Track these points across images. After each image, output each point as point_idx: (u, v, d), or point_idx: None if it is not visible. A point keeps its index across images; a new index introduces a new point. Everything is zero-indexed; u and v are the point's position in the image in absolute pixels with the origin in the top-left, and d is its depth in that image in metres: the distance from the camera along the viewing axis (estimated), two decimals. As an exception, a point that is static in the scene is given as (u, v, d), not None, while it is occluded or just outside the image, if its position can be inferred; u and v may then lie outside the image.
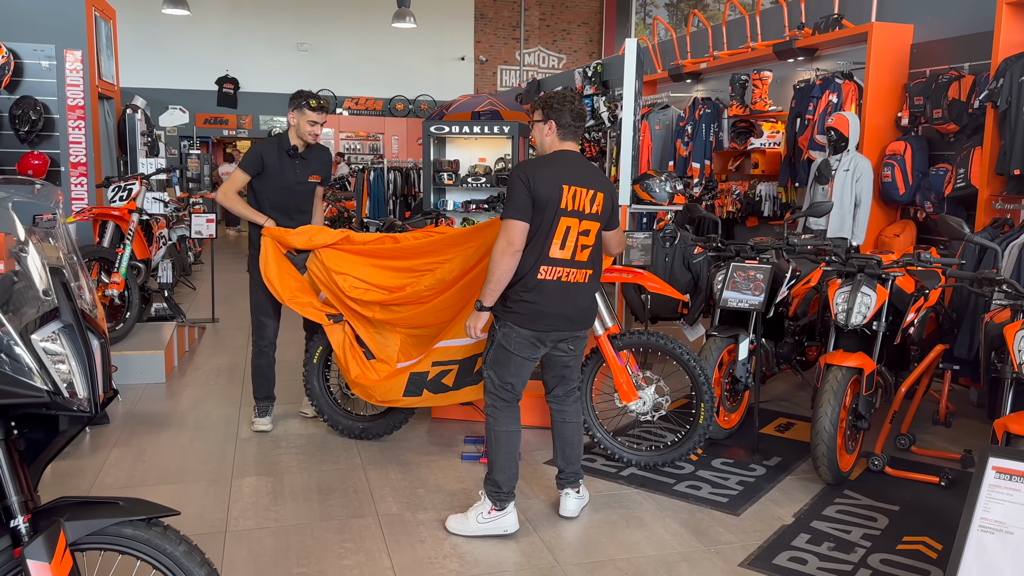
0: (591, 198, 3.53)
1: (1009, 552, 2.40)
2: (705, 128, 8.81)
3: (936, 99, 6.13)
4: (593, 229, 3.56)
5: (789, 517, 3.85)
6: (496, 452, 3.62)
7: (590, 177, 3.57)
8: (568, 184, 3.48)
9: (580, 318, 3.62)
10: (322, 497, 4.00)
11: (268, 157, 4.68)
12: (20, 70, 7.53)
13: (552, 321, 3.53)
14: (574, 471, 3.85)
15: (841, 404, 4.07)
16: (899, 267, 4.37)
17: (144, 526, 2.19)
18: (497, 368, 3.62)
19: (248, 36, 18.80)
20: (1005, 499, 2.40)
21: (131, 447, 4.65)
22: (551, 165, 3.53)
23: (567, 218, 3.48)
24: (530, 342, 3.54)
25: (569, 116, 3.58)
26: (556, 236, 3.48)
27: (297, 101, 4.66)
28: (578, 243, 3.53)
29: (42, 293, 2.11)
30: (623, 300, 6.48)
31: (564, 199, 3.46)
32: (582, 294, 3.59)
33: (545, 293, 3.49)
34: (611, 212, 3.66)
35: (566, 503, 3.83)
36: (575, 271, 3.55)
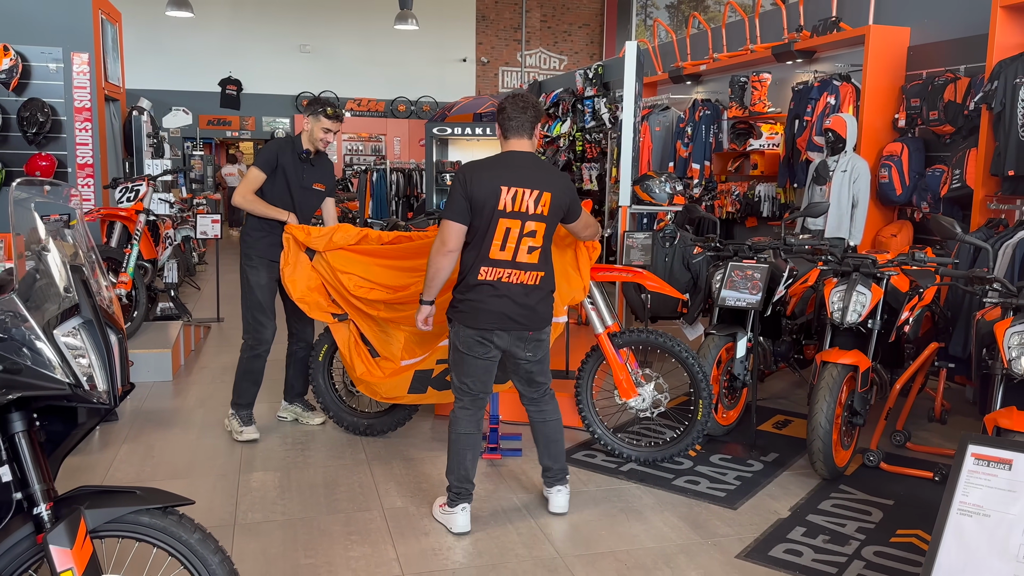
0: (535, 198, 3.52)
1: (986, 534, 2.52)
2: (705, 129, 8.90)
3: (932, 101, 6.21)
4: (540, 230, 3.55)
5: (785, 511, 3.94)
6: (450, 452, 3.70)
7: (535, 177, 3.55)
8: (508, 185, 3.49)
9: (524, 319, 3.58)
10: (328, 491, 4.09)
11: (283, 157, 4.67)
12: (28, 73, 7.63)
13: (493, 320, 3.54)
14: (561, 467, 3.89)
15: (837, 400, 4.15)
16: (894, 266, 4.45)
17: (160, 514, 2.27)
18: (454, 368, 3.70)
19: (251, 38, 18.90)
20: (983, 484, 2.49)
21: (140, 443, 4.74)
22: (492, 167, 3.56)
23: (506, 220, 3.50)
24: (476, 341, 3.57)
25: (510, 111, 3.58)
26: (496, 237, 3.50)
27: (314, 108, 4.68)
28: (521, 245, 3.53)
29: (63, 290, 2.20)
30: (623, 299, 6.57)
31: (502, 201, 3.48)
32: (528, 295, 3.58)
33: (484, 293, 3.53)
34: (566, 208, 3.65)
35: (557, 500, 3.87)
36: (518, 272, 3.55)
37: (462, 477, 3.68)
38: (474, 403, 3.70)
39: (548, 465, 3.89)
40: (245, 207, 4.68)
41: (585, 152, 12.13)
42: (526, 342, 3.64)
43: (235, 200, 4.68)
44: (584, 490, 4.15)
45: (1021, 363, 3.29)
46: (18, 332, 2.10)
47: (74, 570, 2.06)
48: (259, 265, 4.71)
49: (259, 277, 4.70)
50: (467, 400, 3.69)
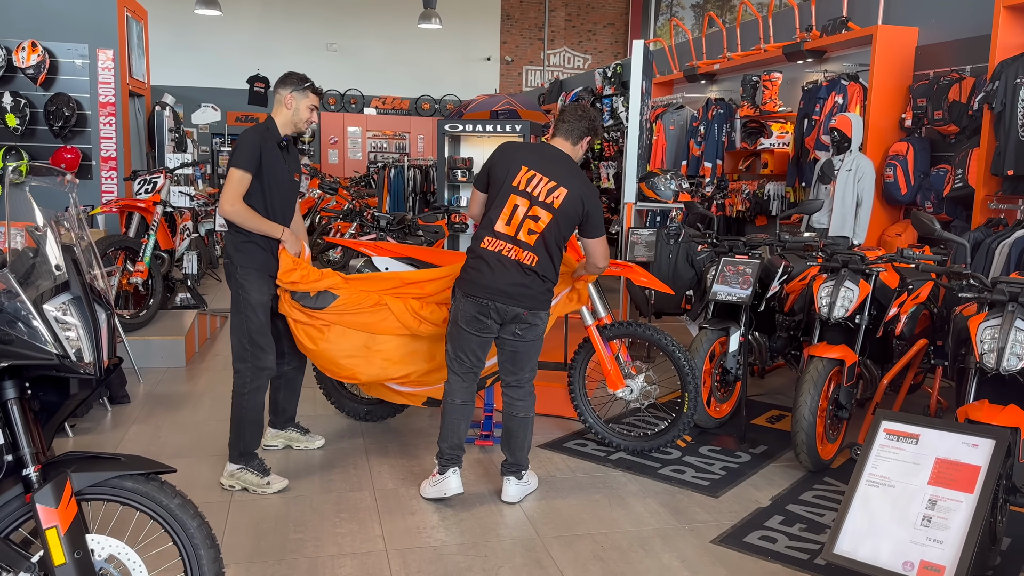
0: (550, 188, 3.68)
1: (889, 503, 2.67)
2: (718, 128, 8.95)
3: (937, 101, 6.23)
4: (544, 218, 3.68)
5: (766, 500, 4.02)
6: (442, 420, 3.91)
7: (559, 171, 3.72)
8: (528, 167, 3.70)
9: (518, 295, 3.70)
10: (324, 472, 4.24)
11: (265, 151, 3.89)
12: (55, 68, 7.90)
13: (489, 292, 3.69)
14: (515, 461, 3.96)
15: (821, 394, 4.22)
16: (883, 263, 4.50)
17: (143, 480, 2.43)
18: (450, 340, 3.87)
19: (279, 36, 19.18)
20: (891, 457, 2.59)
21: (149, 424, 4.92)
22: (524, 148, 3.85)
23: (516, 196, 3.69)
24: (473, 315, 3.72)
25: (567, 114, 3.87)
26: (504, 211, 3.70)
27: (297, 82, 3.98)
28: (525, 225, 3.69)
29: (54, 267, 2.36)
30: (627, 295, 6.66)
31: (518, 178, 3.69)
32: (523, 273, 3.70)
33: (484, 262, 3.71)
34: (581, 213, 3.72)
35: (506, 488, 3.95)
36: (516, 249, 3.70)
37: (455, 444, 3.87)
38: (467, 375, 3.88)
39: (505, 456, 4.00)
40: (236, 220, 3.88)
41: (603, 150, 12.21)
42: (520, 320, 3.75)
43: (224, 211, 3.85)
44: (571, 476, 4.27)
45: (992, 357, 3.35)
46: (10, 305, 2.25)
47: (58, 527, 2.21)
48: (258, 280, 3.97)
49: (260, 294, 3.97)
50: (461, 372, 3.87)
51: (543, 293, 3.81)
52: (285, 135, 4.01)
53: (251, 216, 3.89)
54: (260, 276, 3.98)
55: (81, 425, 4.83)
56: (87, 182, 8.05)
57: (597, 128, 3.89)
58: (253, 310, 3.95)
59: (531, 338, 3.85)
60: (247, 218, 3.88)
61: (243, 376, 3.99)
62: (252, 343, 3.96)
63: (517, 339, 3.81)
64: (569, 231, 3.80)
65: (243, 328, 3.95)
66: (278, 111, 4.01)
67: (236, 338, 3.99)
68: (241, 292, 3.95)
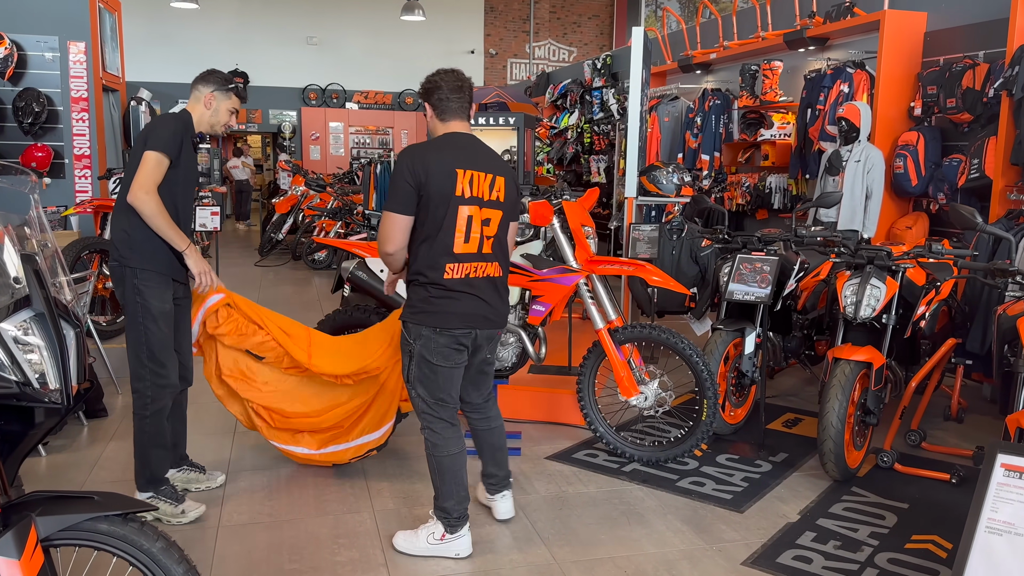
0: (490, 183, 3.19)
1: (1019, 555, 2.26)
2: (715, 119, 8.69)
3: (950, 88, 6.00)
4: (495, 218, 3.22)
5: (795, 514, 3.76)
6: (440, 479, 3.30)
7: (487, 161, 3.23)
8: (464, 168, 3.13)
9: (497, 316, 3.30)
10: (318, 492, 3.93)
11: (185, 140, 3.49)
12: (23, 62, 7.52)
13: (469, 320, 3.20)
14: (506, 473, 3.64)
15: (849, 399, 3.96)
16: (910, 259, 4.26)
17: (120, 521, 2.12)
18: (424, 384, 3.24)
19: (258, 29, 18.76)
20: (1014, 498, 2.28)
21: (128, 440, 4.56)
22: (442, 148, 3.16)
23: (466, 206, 3.13)
24: (452, 348, 3.20)
25: (446, 91, 3.20)
26: (458, 228, 3.12)
27: (221, 82, 3.63)
28: (482, 234, 3.20)
29: (13, 281, 2.04)
30: (629, 293, 6.39)
31: (459, 186, 3.11)
32: (497, 290, 3.29)
33: (456, 292, 3.16)
34: (516, 199, 3.34)
35: (503, 506, 3.61)
36: (484, 265, 3.22)
37: (463, 498, 3.33)
38: (453, 417, 3.32)
39: (493, 472, 3.61)
40: (146, 211, 3.33)
41: (593, 144, 11.95)
42: (492, 342, 3.37)
43: (137, 197, 3.31)
44: (584, 491, 3.99)
45: (1046, 360, 3.10)
46: (-40, 326, 1.94)
47: (21, 583, 1.90)
48: (159, 285, 3.48)
49: (162, 302, 3.48)
50: (447, 417, 3.29)
51: (508, 301, 3.45)
52: (200, 133, 3.63)
53: (162, 213, 3.38)
54: (161, 280, 3.48)
55: (55, 442, 4.49)
56: (60, 181, 7.68)
57: (473, 90, 3.32)
58: (154, 320, 3.45)
59: (495, 351, 3.51)
60: (158, 213, 3.36)
61: (143, 397, 3.51)
62: (152, 359, 3.48)
63: (488, 363, 3.43)
64: (509, 219, 3.34)
65: (141, 342, 3.45)
66: (194, 108, 3.61)
67: (133, 353, 3.48)
68: (139, 299, 3.42)
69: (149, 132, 3.43)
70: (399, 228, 3.12)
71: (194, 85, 3.64)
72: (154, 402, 3.52)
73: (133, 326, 3.47)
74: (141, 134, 3.48)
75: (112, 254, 3.48)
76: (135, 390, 3.53)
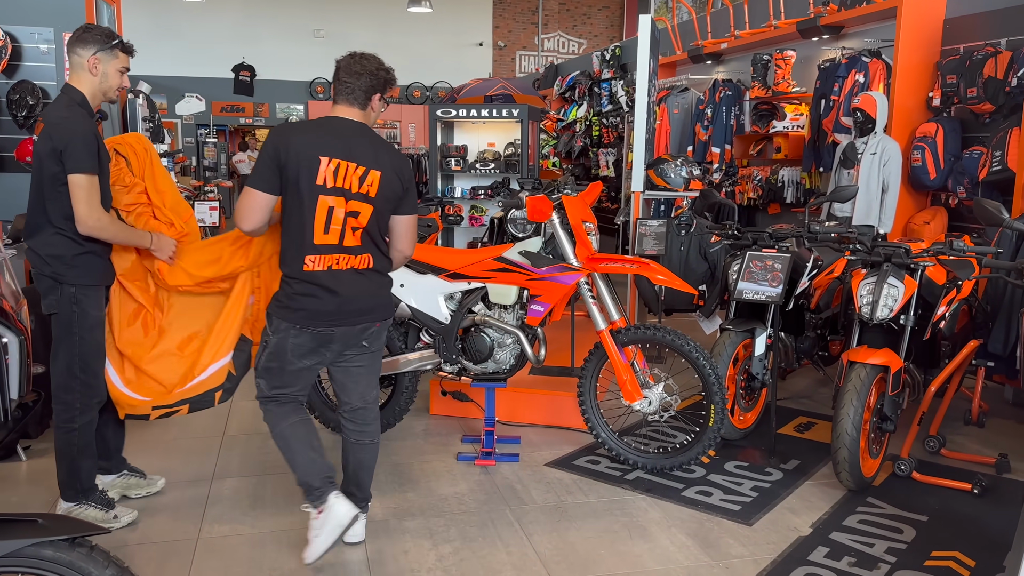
0: (361, 176, 3.00)
1: None
2: (726, 111, 8.45)
3: (970, 77, 5.75)
4: (364, 211, 3.02)
5: (806, 528, 3.55)
6: (289, 451, 3.17)
7: (363, 151, 3.01)
8: (329, 156, 2.95)
9: (369, 308, 3.12)
10: (302, 501, 3.75)
11: (99, 145, 3.20)
12: (18, 54, 7.35)
13: (333, 318, 3.03)
14: (365, 496, 3.38)
15: (865, 404, 3.75)
16: (929, 256, 4.03)
17: (67, 547, 1.95)
18: (268, 377, 3.13)
19: (264, 23, 18.62)
20: None
21: (112, 445, 4.42)
22: (312, 131, 3.02)
23: (327, 197, 2.96)
24: (309, 348, 3.06)
25: (343, 74, 3.06)
26: (318, 219, 2.97)
27: (102, 39, 3.23)
28: (346, 226, 3.01)
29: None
30: (636, 291, 6.18)
31: (322, 174, 2.94)
32: (367, 280, 3.10)
33: (317, 286, 3.00)
34: (400, 194, 3.10)
35: (354, 527, 3.26)
36: (347, 257, 3.05)
37: (320, 467, 3.15)
38: (282, 406, 3.18)
39: (352, 492, 3.33)
40: (106, 235, 3.22)
41: (602, 137, 11.72)
42: (365, 335, 3.15)
43: (90, 228, 3.14)
44: (585, 501, 3.79)
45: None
46: None
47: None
48: (97, 294, 3.33)
49: (99, 310, 3.34)
50: (285, 400, 3.18)
51: (389, 295, 3.25)
52: (98, 110, 3.36)
53: (120, 227, 3.29)
54: (98, 290, 3.34)
55: (36, 447, 4.32)
56: (55, 176, 7.54)
57: (385, 79, 3.11)
58: (91, 330, 3.29)
59: (377, 348, 3.26)
60: (117, 231, 3.26)
61: (71, 409, 3.29)
62: (85, 369, 3.29)
63: (363, 353, 3.18)
64: (389, 214, 3.15)
65: (74, 352, 3.25)
66: (80, 78, 3.24)
67: (63, 364, 3.24)
68: (75, 309, 3.24)
69: (64, 150, 3.07)
70: (256, 205, 2.99)
71: (72, 49, 3.25)
72: (83, 414, 3.33)
73: (66, 337, 3.25)
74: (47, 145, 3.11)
75: (40, 270, 3.23)
76: (62, 401, 3.28)
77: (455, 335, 4.20)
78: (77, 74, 3.26)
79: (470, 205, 7.63)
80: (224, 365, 3.51)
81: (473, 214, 7.68)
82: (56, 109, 3.20)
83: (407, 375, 4.41)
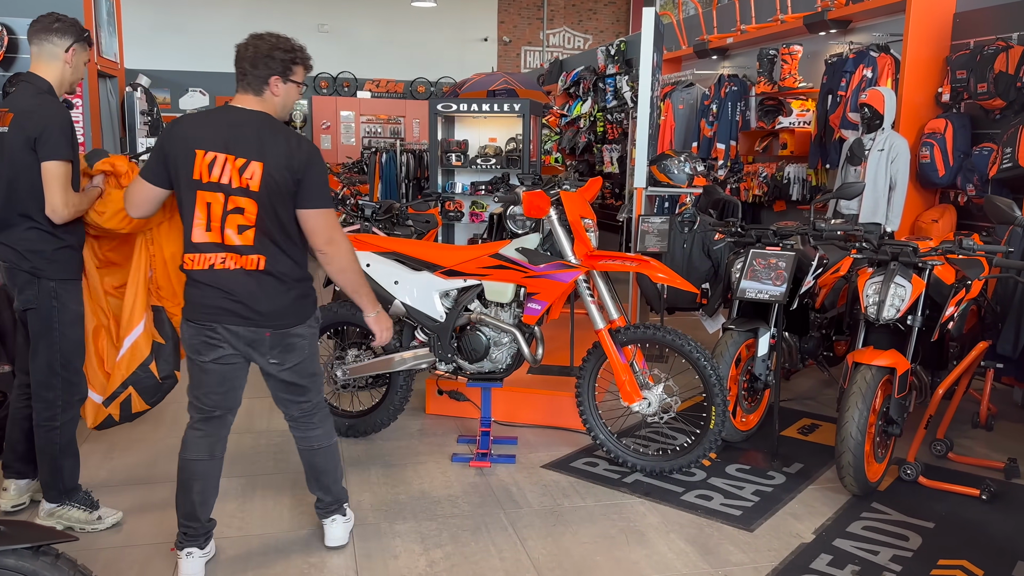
0: (240, 168, 2.78)
1: None
2: (731, 107, 8.33)
3: (981, 72, 5.62)
4: (249, 208, 2.80)
5: (809, 534, 3.44)
6: (177, 480, 2.99)
7: (247, 142, 2.80)
8: (206, 149, 2.78)
9: (252, 313, 2.85)
10: (294, 503, 3.66)
11: (73, 132, 3.17)
12: (14, 45, 7.26)
13: (213, 314, 2.85)
14: (335, 498, 3.25)
15: (870, 407, 3.64)
16: (937, 255, 3.92)
17: (30, 555, 1.86)
18: (189, 374, 3.00)
19: (268, 17, 18.48)
20: None
21: (101, 443, 4.34)
22: (198, 124, 2.84)
23: (204, 192, 2.79)
24: (202, 341, 2.88)
25: (241, 60, 2.85)
26: (197, 216, 2.81)
27: (79, 31, 3.20)
28: (227, 223, 2.81)
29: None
30: (637, 288, 6.08)
31: (197, 168, 2.78)
32: (256, 283, 2.85)
33: (198, 284, 2.87)
34: (290, 186, 2.81)
35: (332, 531, 3.24)
36: (234, 256, 2.83)
37: (187, 514, 2.98)
38: (207, 423, 2.99)
39: (319, 496, 3.25)
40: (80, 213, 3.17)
41: (606, 133, 11.60)
42: (266, 345, 2.91)
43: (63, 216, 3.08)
44: (582, 505, 3.69)
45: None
46: None
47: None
48: (75, 288, 3.29)
49: (78, 304, 3.30)
50: (197, 418, 3.00)
51: (289, 301, 2.91)
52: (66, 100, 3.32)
53: (85, 197, 3.19)
54: (77, 284, 3.29)
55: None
56: (51, 169, 7.45)
57: (284, 60, 2.86)
58: (71, 325, 3.23)
59: (299, 361, 3.00)
60: (84, 202, 3.18)
61: (52, 407, 3.23)
62: (67, 366, 3.23)
63: (282, 369, 2.98)
64: (292, 207, 2.87)
65: (55, 349, 3.20)
66: (48, 68, 3.16)
67: (44, 361, 3.20)
68: (56, 304, 3.18)
69: (40, 137, 2.99)
70: (141, 195, 2.91)
71: (44, 38, 3.15)
72: (64, 412, 3.26)
73: (46, 333, 3.19)
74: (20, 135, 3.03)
75: (17, 265, 3.16)
76: (43, 399, 3.23)
77: (450, 333, 4.10)
78: (46, 63, 3.17)
79: (471, 201, 7.53)
80: (140, 334, 3.37)
81: (474, 210, 7.58)
82: (24, 97, 3.11)
83: (401, 374, 4.32)
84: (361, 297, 3.08)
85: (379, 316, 3.16)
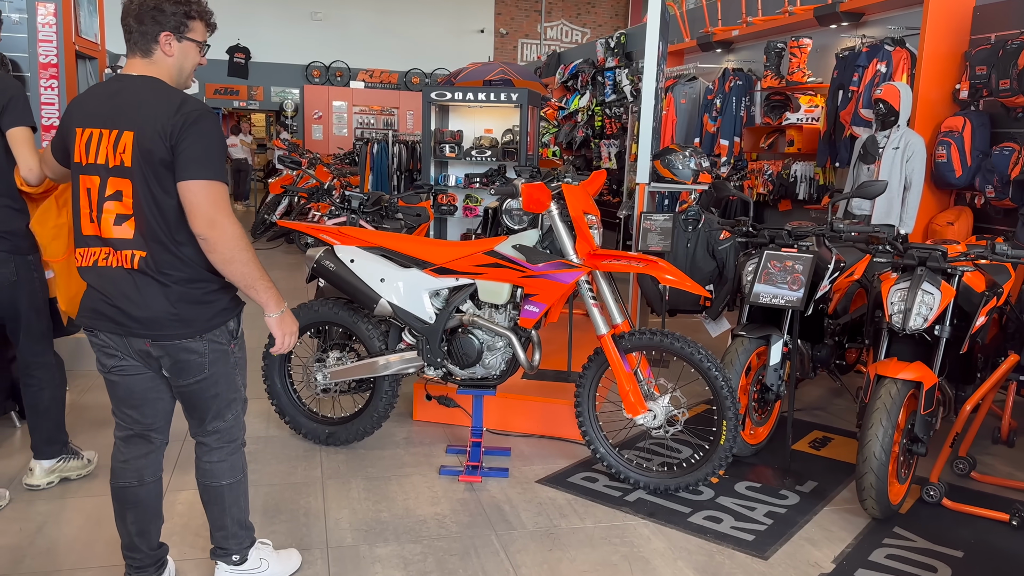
0: (114, 141, 2.36)
1: None
2: (736, 102, 8.04)
3: (1003, 68, 5.34)
4: (126, 190, 2.37)
5: (828, 563, 3.16)
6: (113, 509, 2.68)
7: (124, 111, 2.37)
8: (83, 126, 2.41)
9: (129, 320, 2.43)
10: (266, 520, 3.35)
11: None
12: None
13: (91, 319, 2.50)
14: (222, 536, 2.77)
15: (895, 425, 3.36)
16: (968, 260, 3.63)
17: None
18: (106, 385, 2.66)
19: (261, 4, 18.15)
20: None
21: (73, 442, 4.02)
22: (85, 97, 2.47)
23: (85, 176, 2.42)
24: (96, 347, 2.53)
25: (123, 17, 2.43)
26: (81, 204, 2.44)
27: None
28: (104, 211, 2.40)
29: None
30: (638, 290, 5.78)
31: (77, 150, 2.42)
32: (127, 286, 2.42)
33: (88, 282, 2.51)
34: (161, 153, 2.33)
35: None
36: (112, 252, 2.42)
37: (126, 544, 2.66)
38: (128, 445, 2.63)
39: (211, 530, 2.80)
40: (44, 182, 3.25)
41: (604, 128, 11.30)
42: (153, 357, 2.51)
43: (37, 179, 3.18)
44: (580, 526, 3.39)
45: None
46: None
47: None
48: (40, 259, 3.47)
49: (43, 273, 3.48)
50: (118, 439, 2.65)
51: (184, 306, 2.45)
52: None
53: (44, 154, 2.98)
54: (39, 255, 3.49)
55: None
56: (25, 153, 7.11)
57: (179, 11, 2.45)
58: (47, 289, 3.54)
59: (201, 379, 2.54)
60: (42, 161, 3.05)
61: (50, 368, 3.56)
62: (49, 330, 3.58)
63: (182, 386, 2.56)
64: (174, 187, 2.37)
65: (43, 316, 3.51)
66: None
67: (37, 334, 3.49)
68: (37, 275, 3.45)
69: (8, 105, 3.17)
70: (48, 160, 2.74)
71: None
72: (61, 369, 3.61)
73: (32, 306, 3.45)
74: None
75: None
76: (43, 365, 3.52)
77: (440, 336, 3.80)
78: None
79: (464, 194, 7.22)
80: None
81: (468, 204, 7.27)
82: None
83: (387, 379, 4.01)
84: (258, 293, 2.49)
85: (283, 318, 2.60)
